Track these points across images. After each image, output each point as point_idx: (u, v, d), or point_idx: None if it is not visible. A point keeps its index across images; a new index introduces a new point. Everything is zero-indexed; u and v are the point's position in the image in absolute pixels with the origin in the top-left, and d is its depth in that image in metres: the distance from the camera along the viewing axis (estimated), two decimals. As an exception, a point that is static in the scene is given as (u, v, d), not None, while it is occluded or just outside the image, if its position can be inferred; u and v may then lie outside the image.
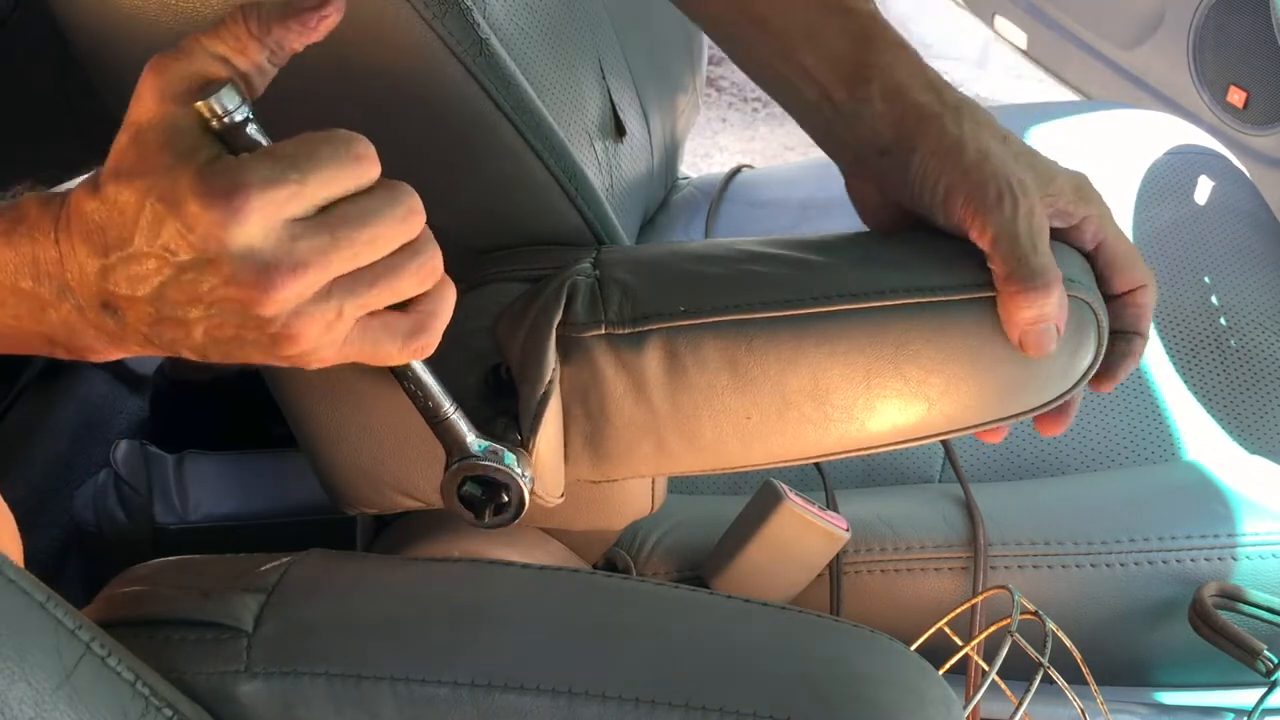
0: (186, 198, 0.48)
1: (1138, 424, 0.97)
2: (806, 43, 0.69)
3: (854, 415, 0.65)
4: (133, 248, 0.50)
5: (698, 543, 0.85)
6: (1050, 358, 0.64)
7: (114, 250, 0.50)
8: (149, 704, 0.53)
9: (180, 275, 0.50)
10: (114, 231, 0.50)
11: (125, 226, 0.50)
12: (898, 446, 0.68)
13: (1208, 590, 0.81)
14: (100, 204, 0.50)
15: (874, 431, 0.66)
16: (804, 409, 0.65)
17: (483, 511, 0.65)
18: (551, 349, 0.65)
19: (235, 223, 0.48)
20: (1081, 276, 0.66)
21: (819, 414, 0.65)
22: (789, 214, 1.00)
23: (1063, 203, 0.66)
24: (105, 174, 0.50)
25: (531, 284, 0.67)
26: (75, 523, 1.11)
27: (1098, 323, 0.65)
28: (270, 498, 1.08)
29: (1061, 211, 0.66)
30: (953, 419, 0.66)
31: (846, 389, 0.65)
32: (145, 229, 0.49)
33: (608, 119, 1.10)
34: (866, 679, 0.60)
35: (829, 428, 0.66)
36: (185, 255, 0.49)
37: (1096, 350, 0.66)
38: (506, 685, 0.57)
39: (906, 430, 0.66)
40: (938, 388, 0.64)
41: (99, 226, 0.50)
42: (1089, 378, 0.66)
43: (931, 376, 0.64)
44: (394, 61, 0.65)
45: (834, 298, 0.65)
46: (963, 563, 0.83)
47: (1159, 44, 1.70)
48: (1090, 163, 0.76)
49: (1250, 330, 1.03)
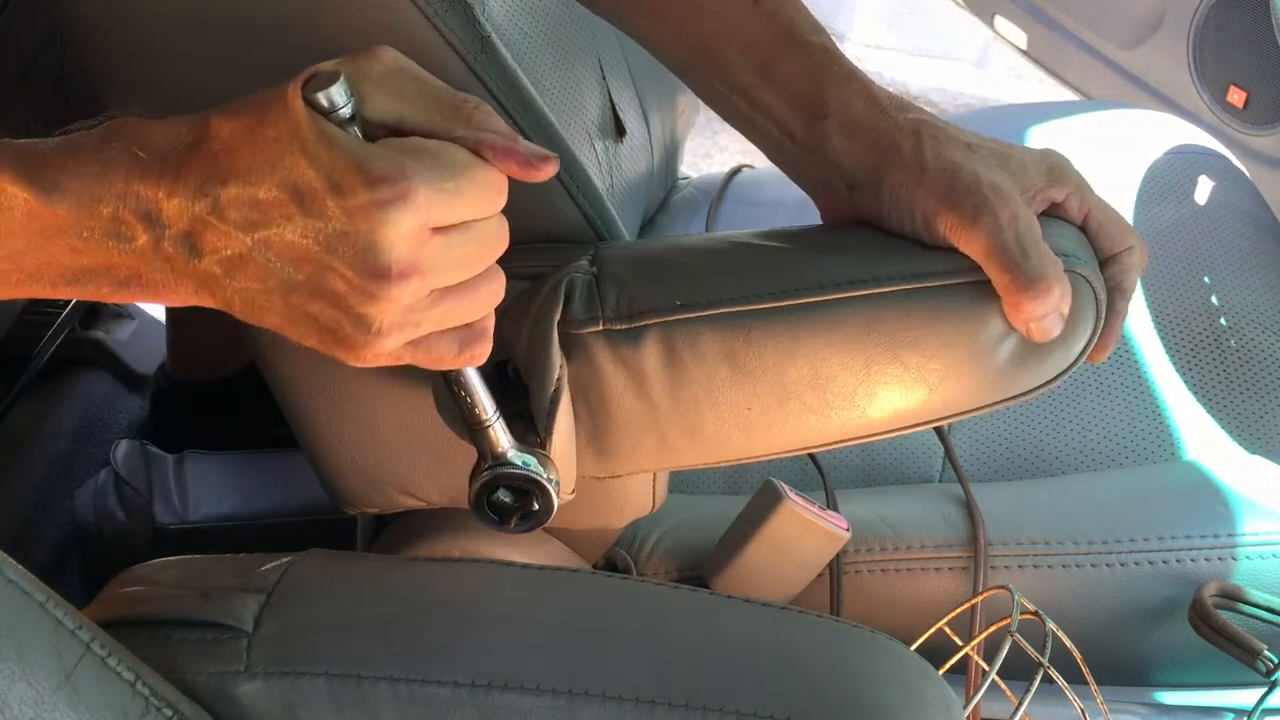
0: (349, 171, 0.48)
1: (1138, 424, 0.97)
2: (761, 79, 0.69)
3: (855, 403, 0.66)
4: (262, 188, 0.49)
5: (698, 543, 0.85)
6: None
7: (240, 181, 0.49)
8: (149, 704, 0.53)
9: (305, 237, 0.49)
10: (248, 162, 0.49)
11: (262, 164, 0.48)
12: (900, 433, 0.68)
13: (1208, 590, 0.81)
14: (244, 130, 0.49)
15: (876, 418, 0.66)
16: (805, 398, 0.65)
17: (510, 518, 0.65)
18: (555, 346, 0.65)
19: (394, 211, 0.48)
20: (1079, 251, 0.66)
21: (820, 402, 0.66)
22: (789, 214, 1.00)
23: (1041, 190, 0.66)
24: (249, 107, 0.49)
25: (532, 281, 0.68)
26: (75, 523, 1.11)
27: (1095, 297, 0.65)
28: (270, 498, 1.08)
29: (1043, 198, 0.66)
30: (953, 403, 0.66)
31: (846, 377, 0.65)
32: (284, 176, 0.48)
33: (607, 119, 1.10)
34: (866, 679, 0.60)
35: (831, 416, 0.66)
36: (322, 221, 0.48)
37: (1095, 325, 0.66)
38: (506, 685, 0.57)
39: (908, 416, 0.66)
40: (937, 372, 0.64)
41: (230, 151, 0.49)
42: (1087, 353, 0.66)
43: (931, 362, 0.64)
44: (394, 60, 0.65)
45: (829, 286, 0.65)
46: (963, 563, 0.83)
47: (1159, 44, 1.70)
48: (1090, 163, 0.76)
49: (1250, 330, 1.03)
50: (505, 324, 0.67)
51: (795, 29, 0.69)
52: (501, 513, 0.65)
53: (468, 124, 0.52)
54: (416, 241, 0.49)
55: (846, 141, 0.67)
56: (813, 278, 0.65)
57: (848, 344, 0.64)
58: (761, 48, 0.69)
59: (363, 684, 0.58)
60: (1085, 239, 0.67)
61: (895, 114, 0.67)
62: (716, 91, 0.71)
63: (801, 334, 0.64)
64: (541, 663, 0.59)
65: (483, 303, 0.54)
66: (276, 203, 0.49)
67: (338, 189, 0.48)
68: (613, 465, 0.69)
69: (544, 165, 0.53)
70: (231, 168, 0.49)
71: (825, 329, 0.64)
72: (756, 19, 0.69)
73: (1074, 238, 0.67)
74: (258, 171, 0.49)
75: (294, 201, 0.49)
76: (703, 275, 0.67)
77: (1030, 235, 0.63)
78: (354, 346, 0.52)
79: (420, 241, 0.49)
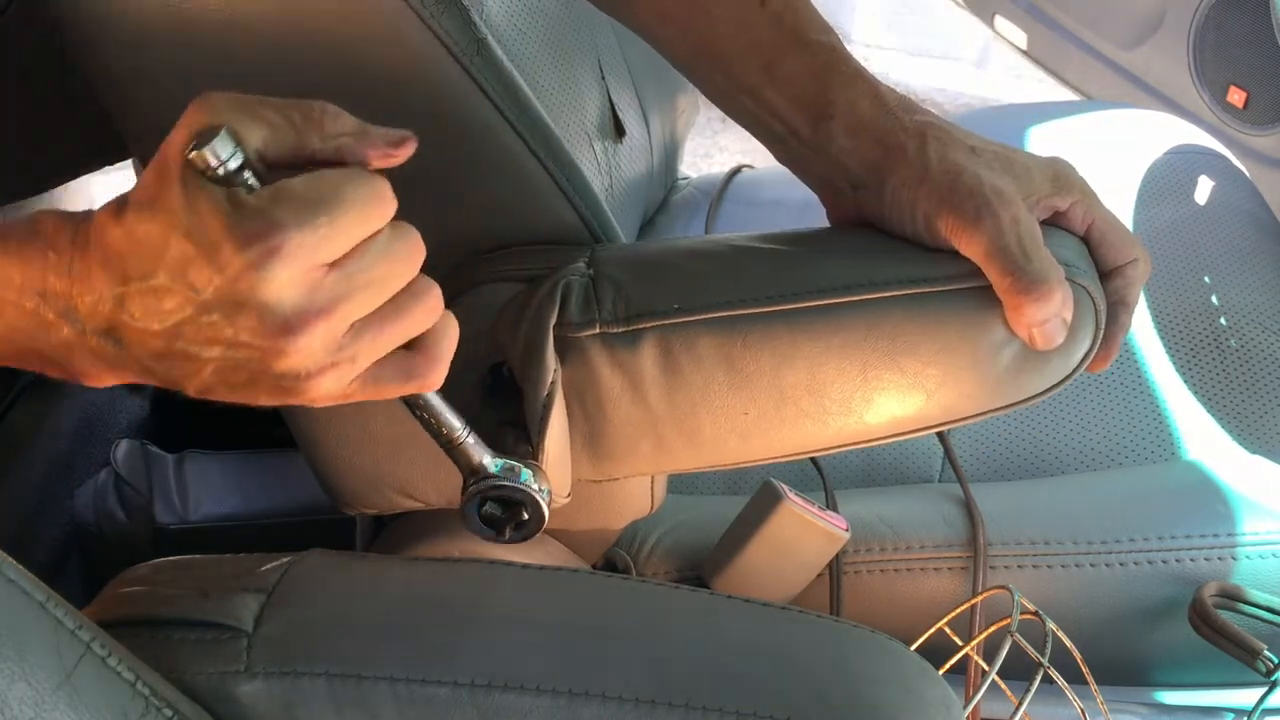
0: (221, 240, 0.48)
1: (1138, 424, 0.97)
2: (766, 78, 0.69)
3: (852, 408, 0.65)
4: (155, 280, 0.49)
5: (698, 543, 0.85)
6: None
7: (134, 280, 0.49)
8: (149, 704, 0.53)
9: (202, 315, 0.49)
10: (136, 261, 0.49)
11: (149, 258, 0.49)
12: (898, 439, 0.68)
13: (1208, 590, 0.81)
14: (124, 232, 0.49)
15: (872, 424, 0.66)
16: (801, 403, 0.65)
17: (503, 529, 0.65)
18: (550, 349, 0.65)
19: (270, 268, 0.47)
20: (1079, 261, 0.66)
21: (817, 408, 0.65)
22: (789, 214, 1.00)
23: (1045, 197, 0.66)
24: (131, 202, 0.50)
25: (528, 284, 0.68)
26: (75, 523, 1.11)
27: (1095, 307, 0.65)
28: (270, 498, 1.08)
29: (1046, 205, 0.66)
30: (951, 409, 0.66)
31: (843, 382, 0.65)
32: (171, 264, 0.48)
33: (607, 119, 1.11)
34: (866, 679, 0.60)
35: (827, 421, 0.66)
36: (211, 296, 0.48)
37: (1094, 334, 0.66)
38: (506, 685, 0.57)
39: (905, 422, 0.66)
40: (935, 379, 0.64)
41: (119, 254, 0.49)
42: (1087, 362, 0.66)
43: (928, 368, 0.64)
44: (390, 61, 0.65)
45: (827, 291, 0.64)
46: (963, 563, 0.83)
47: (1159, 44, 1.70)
48: (1090, 163, 0.76)
49: (1250, 330, 1.03)
50: (500, 327, 0.67)
51: (802, 28, 0.69)
52: (493, 524, 0.65)
53: (321, 134, 0.52)
54: (306, 286, 0.49)
55: (851, 141, 0.67)
56: (811, 282, 0.65)
57: (845, 349, 0.64)
58: (768, 46, 0.69)
59: (363, 684, 0.58)
60: (1085, 249, 0.67)
61: (901, 115, 0.67)
62: (722, 90, 0.71)
63: (799, 338, 0.64)
64: (541, 663, 0.59)
65: (416, 320, 0.52)
66: (173, 292, 0.49)
67: (216, 262, 0.48)
68: (609, 468, 0.69)
69: (402, 147, 0.53)
70: (123, 271, 0.49)
71: (823, 334, 0.64)
72: (763, 18, 0.69)
73: (1074, 247, 0.66)
74: (148, 266, 0.49)
75: (187, 287, 0.49)
76: (700, 278, 0.67)
77: (1032, 239, 0.63)
78: (298, 396, 0.52)
79: (311, 285, 0.49)
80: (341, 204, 0.49)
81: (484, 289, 0.69)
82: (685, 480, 0.94)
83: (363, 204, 0.49)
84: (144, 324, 0.50)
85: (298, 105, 0.52)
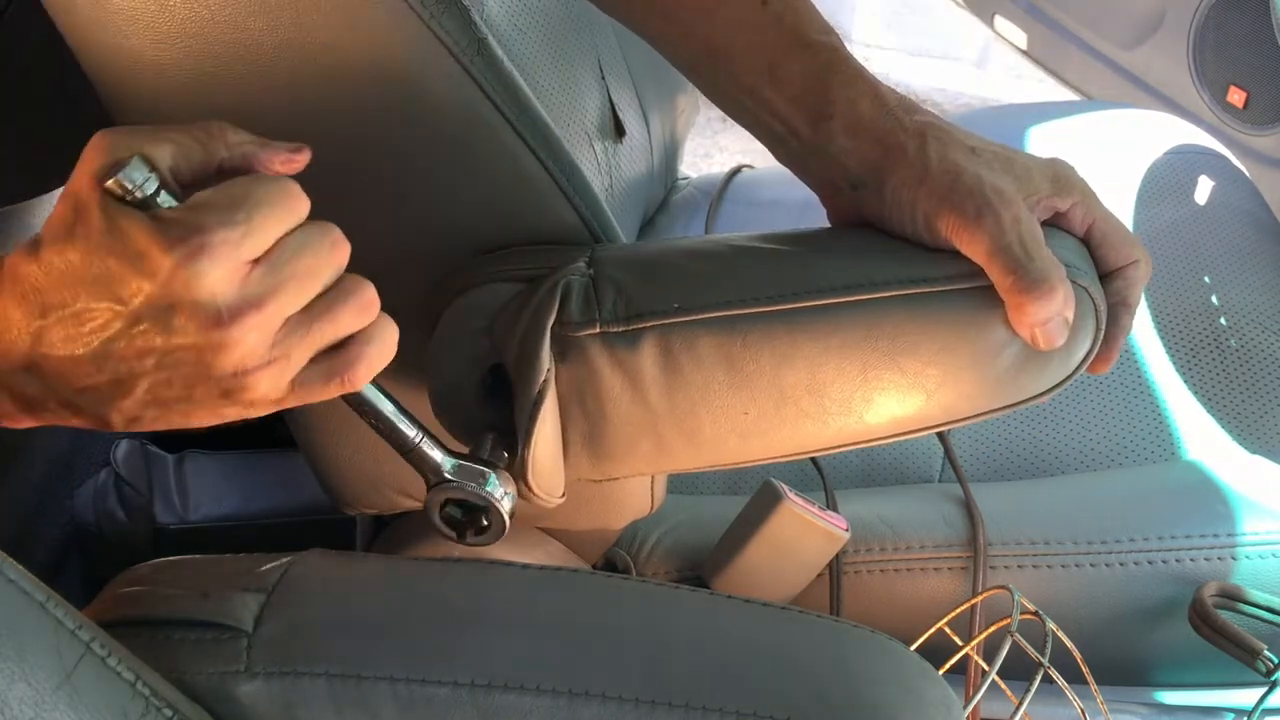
0: (148, 248, 0.49)
1: (1138, 424, 0.97)
2: (767, 78, 0.69)
3: (852, 409, 0.65)
4: (77, 305, 0.50)
5: (698, 543, 0.85)
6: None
7: (54, 311, 0.50)
8: (149, 704, 0.53)
9: (132, 327, 0.50)
10: (54, 293, 0.50)
11: (69, 287, 0.50)
12: (898, 439, 0.67)
13: (1208, 590, 0.81)
14: (41, 268, 0.50)
15: (872, 424, 0.66)
16: (801, 403, 0.65)
17: (464, 532, 0.65)
18: (545, 349, 0.65)
19: (199, 264, 0.49)
20: (1079, 262, 0.66)
21: (817, 408, 0.65)
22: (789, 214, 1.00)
23: (1045, 197, 0.66)
24: (46, 239, 0.50)
25: (528, 284, 0.68)
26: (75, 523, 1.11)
27: (1095, 308, 0.65)
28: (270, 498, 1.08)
29: (1046, 206, 0.66)
30: (951, 410, 0.66)
31: (843, 382, 0.65)
32: (94, 285, 0.49)
33: (607, 119, 1.11)
34: (866, 679, 0.60)
35: (827, 421, 0.66)
36: (141, 304, 0.49)
37: (1095, 335, 0.66)
38: (506, 685, 0.57)
39: (905, 422, 0.66)
40: (935, 379, 0.64)
41: (36, 289, 0.50)
42: (1088, 363, 0.66)
43: (928, 368, 0.64)
44: (390, 61, 0.65)
45: (827, 291, 0.64)
46: (963, 563, 0.83)
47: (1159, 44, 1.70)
48: (1090, 163, 0.76)
49: (1250, 330, 1.03)
50: (499, 325, 0.67)
51: (803, 29, 0.69)
52: (455, 527, 0.65)
53: (226, 144, 0.54)
54: (236, 279, 0.50)
55: (851, 141, 0.67)
56: (811, 282, 0.65)
57: (845, 349, 0.64)
58: (769, 47, 0.69)
59: (363, 684, 0.58)
60: (1085, 251, 0.67)
61: (901, 115, 0.67)
62: (723, 90, 0.71)
63: (799, 338, 0.64)
64: (541, 663, 0.59)
65: (347, 317, 0.54)
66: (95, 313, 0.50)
67: (145, 270, 0.49)
68: (609, 468, 0.69)
69: (297, 156, 0.55)
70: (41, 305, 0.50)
71: (823, 334, 0.64)
72: (764, 18, 0.69)
73: (1074, 248, 0.66)
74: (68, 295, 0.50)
75: (113, 302, 0.50)
76: (700, 278, 0.67)
77: (1033, 238, 0.63)
78: (236, 401, 0.53)
79: (239, 279, 0.50)
80: (256, 203, 0.51)
81: (484, 289, 0.69)
82: (685, 480, 0.94)
83: (275, 201, 0.51)
84: (66, 351, 0.50)
85: (198, 124, 0.54)
